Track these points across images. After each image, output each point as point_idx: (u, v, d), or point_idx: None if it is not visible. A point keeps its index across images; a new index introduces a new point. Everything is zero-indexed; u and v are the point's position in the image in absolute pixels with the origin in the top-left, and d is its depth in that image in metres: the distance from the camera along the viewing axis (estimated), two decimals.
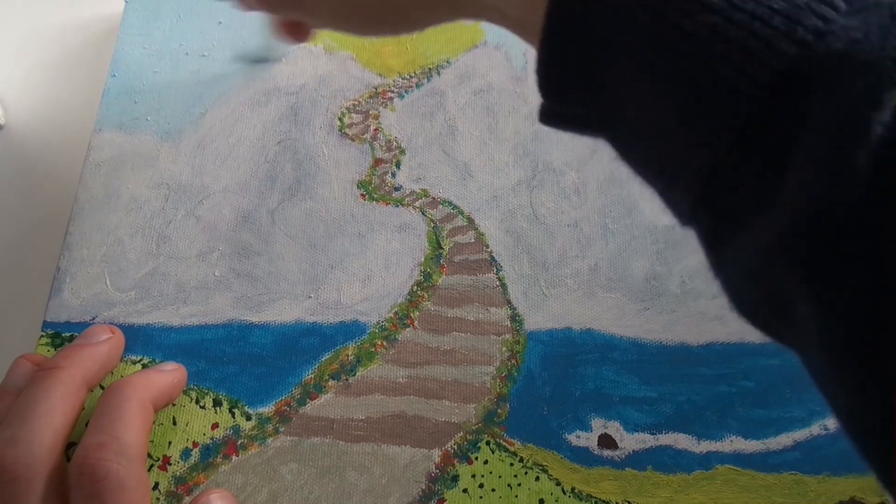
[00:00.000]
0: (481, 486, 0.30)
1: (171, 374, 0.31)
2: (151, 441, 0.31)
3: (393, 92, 0.38)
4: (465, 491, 0.30)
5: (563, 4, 0.17)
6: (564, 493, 0.30)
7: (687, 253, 0.35)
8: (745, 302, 0.18)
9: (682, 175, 0.17)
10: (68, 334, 0.33)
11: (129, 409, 0.27)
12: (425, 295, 0.34)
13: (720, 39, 0.15)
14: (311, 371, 0.32)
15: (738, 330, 0.34)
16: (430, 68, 0.39)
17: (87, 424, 0.27)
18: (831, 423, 0.32)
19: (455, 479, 0.31)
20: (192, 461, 0.31)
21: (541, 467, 0.31)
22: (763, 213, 0.15)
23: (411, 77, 0.39)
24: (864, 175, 0.13)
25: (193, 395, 0.32)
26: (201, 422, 0.31)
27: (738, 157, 0.15)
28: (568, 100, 0.20)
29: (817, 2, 0.14)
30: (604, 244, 0.35)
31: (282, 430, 0.31)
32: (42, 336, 0.33)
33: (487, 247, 0.35)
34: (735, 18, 0.15)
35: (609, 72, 0.17)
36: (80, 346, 0.30)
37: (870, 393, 0.14)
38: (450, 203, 0.36)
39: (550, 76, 0.19)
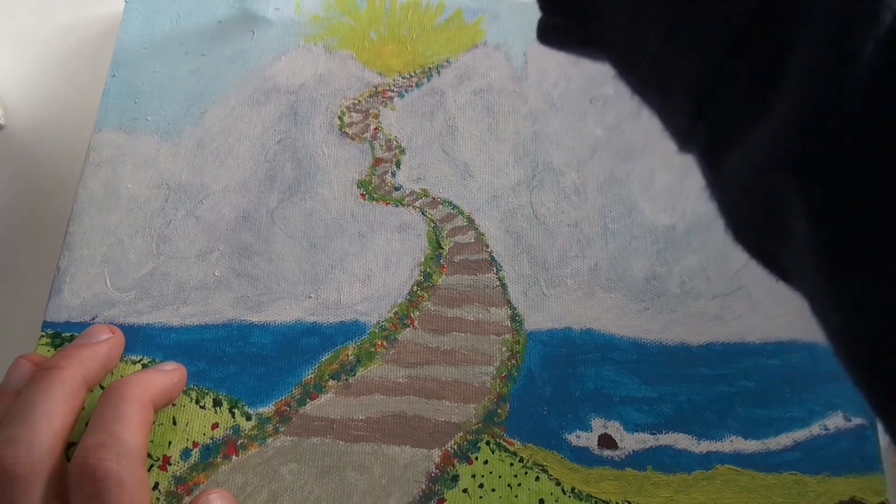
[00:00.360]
0: (481, 486, 0.30)
1: (170, 373, 0.31)
2: (151, 441, 0.31)
3: (393, 91, 0.38)
4: (465, 491, 0.30)
5: None
6: (564, 493, 0.30)
7: (687, 253, 0.35)
8: (742, 223, 0.17)
9: (680, 87, 0.16)
10: (68, 334, 0.33)
11: (128, 409, 0.27)
12: (425, 295, 0.34)
13: None
14: (311, 371, 0.32)
15: (738, 330, 0.34)
16: (430, 68, 0.39)
17: (87, 424, 0.27)
18: (831, 423, 0.32)
19: (455, 479, 0.31)
20: (192, 461, 0.31)
21: (541, 467, 0.31)
22: (761, 117, 0.15)
23: (411, 76, 0.39)
24: (872, 63, 0.13)
25: (193, 395, 0.32)
26: (201, 422, 0.31)
27: (735, 60, 0.15)
28: (566, 10, 0.19)
29: None
30: (604, 244, 0.35)
31: (282, 430, 0.31)
32: (42, 336, 0.33)
33: (487, 247, 0.35)
34: None
35: None
36: (79, 346, 0.30)
37: (859, 306, 0.14)
38: (450, 203, 0.36)
39: None
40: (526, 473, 0.31)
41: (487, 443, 0.31)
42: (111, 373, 0.32)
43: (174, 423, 0.31)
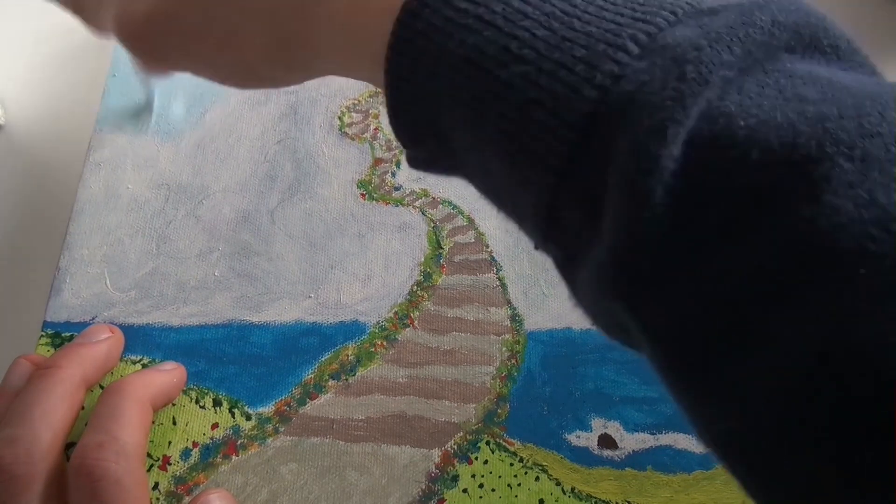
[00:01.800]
0: (481, 486, 0.30)
1: (169, 373, 0.31)
2: (151, 441, 0.31)
3: None
4: (464, 491, 0.30)
5: (397, 66, 0.19)
6: (564, 493, 0.30)
7: None
8: (599, 324, 0.19)
9: (524, 214, 0.18)
10: (68, 334, 0.33)
11: (127, 409, 0.28)
12: (425, 295, 0.34)
13: (532, 87, 0.16)
14: (310, 371, 0.32)
15: None
16: None
17: (86, 424, 0.27)
18: None
19: (455, 479, 0.31)
20: (192, 461, 0.31)
21: (541, 467, 0.31)
22: (591, 249, 0.16)
23: None
24: (662, 207, 0.14)
25: (193, 394, 0.32)
26: (201, 422, 0.31)
27: (561, 197, 0.16)
28: (422, 147, 0.21)
29: (613, 47, 0.15)
30: None
31: (282, 430, 0.31)
32: (42, 336, 0.33)
33: (487, 247, 0.35)
34: (544, 67, 0.16)
35: (447, 122, 0.18)
36: (78, 346, 0.30)
37: (696, 418, 0.16)
38: (450, 203, 0.36)
39: (401, 129, 0.20)
40: (526, 473, 0.31)
41: (487, 443, 0.31)
42: (111, 372, 0.32)
43: (174, 423, 0.31)
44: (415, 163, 0.22)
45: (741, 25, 0.15)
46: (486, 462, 0.31)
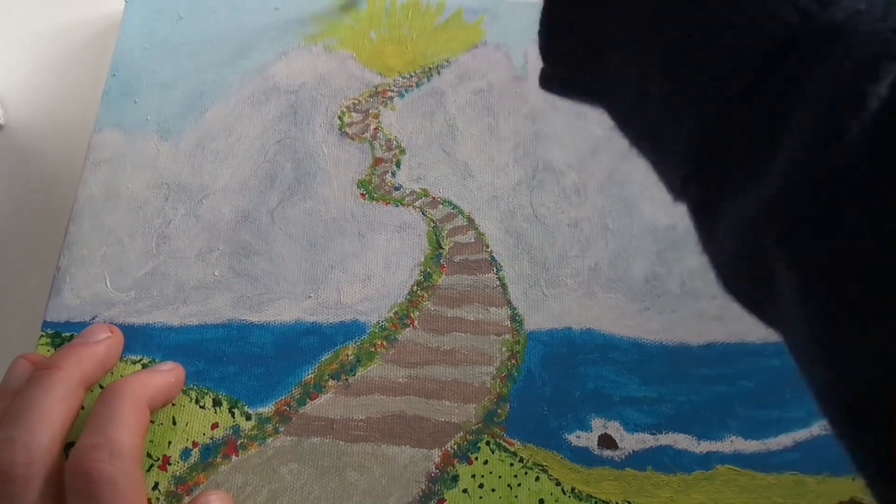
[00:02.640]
0: (481, 486, 0.30)
1: (167, 373, 0.31)
2: (151, 441, 0.31)
3: (393, 91, 0.38)
4: (464, 491, 0.30)
5: None
6: (564, 494, 0.30)
7: (687, 253, 0.35)
8: (732, 278, 0.17)
9: (675, 146, 0.17)
10: (68, 334, 0.33)
11: (123, 410, 0.27)
12: (425, 295, 0.34)
13: (725, 6, 0.15)
14: (310, 371, 0.32)
15: (739, 330, 0.34)
16: (430, 68, 0.39)
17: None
18: None
19: (455, 479, 0.31)
20: (192, 461, 0.31)
21: (541, 467, 0.31)
22: (752, 183, 0.15)
23: (411, 76, 0.39)
24: (856, 146, 0.13)
25: (193, 394, 0.32)
26: (201, 422, 0.31)
27: (730, 126, 0.15)
28: (568, 64, 0.19)
29: None
30: (604, 244, 0.35)
31: (282, 430, 0.31)
32: (42, 336, 0.33)
33: (487, 247, 0.35)
34: None
35: (612, 35, 0.17)
36: (78, 346, 0.30)
37: (844, 368, 0.14)
38: (450, 203, 0.36)
39: (551, 39, 0.19)
40: (526, 473, 0.31)
41: (487, 443, 0.31)
42: (111, 372, 0.32)
43: (174, 423, 0.31)
44: (548, 83, 0.20)
45: None
46: (486, 462, 0.31)
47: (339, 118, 0.38)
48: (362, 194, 0.36)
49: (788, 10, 0.14)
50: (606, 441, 0.31)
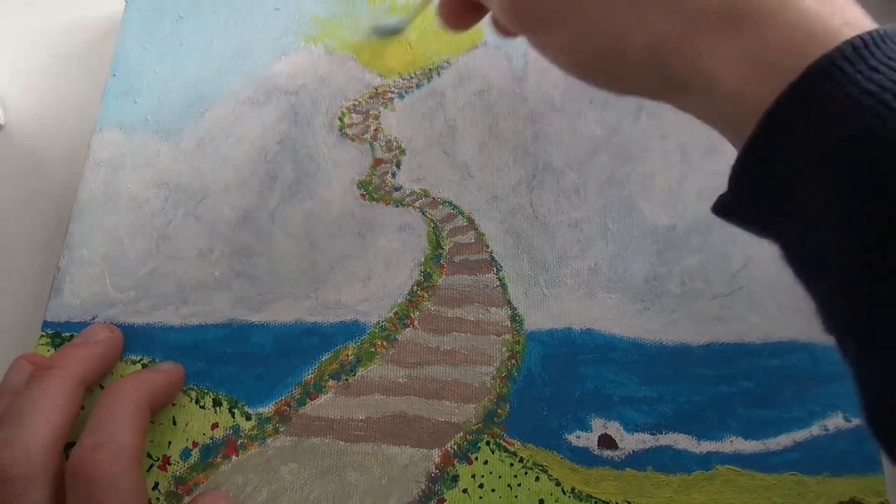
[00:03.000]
0: (481, 486, 0.30)
1: (167, 373, 0.31)
2: (151, 441, 0.31)
3: (393, 92, 0.38)
4: (464, 491, 0.30)
5: (775, 118, 0.18)
6: (564, 494, 0.30)
7: (687, 253, 0.35)
8: (885, 416, 0.18)
9: (845, 296, 0.18)
10: (68, 334, 0.33)
11: (123, 410, 0.27)
12: (425, 295, 0.34)
13: None
14: (310, 371, 0.32)
15: (738, 330, 0.34)
16: (430, 69, 0.39)
17: None
18: (831, 423, 0.32)
19: (455, 479, 0.31)
20: (192, 461, 0.31)
21: (541, 467, 0.31)
22: None
23: (411, 77, 0.39)
24: None
25: (193, 394, 0.32)
26: (201, 422, 0.31)
27: None
28: (755, 199, 0.20)
29: None
30: (604, 244, 0.35)
31: (282, 430, 0.31)
32: (42, 336, 0.33)
33: (487, 247, 0.35)
34: None
35: (807, 186, 0.18)
36: (77, 346, 0.30)
37: None
38: (450, 203, 0.36)
39: (746, 170, 0.20)
40: (526, 474, 0.31)
41: (487, 443, 0.31)
42: (111, 372, 0.32)
43: (174, 423, 0.31)
44: (725, 212, 0.21)
45: None
46: (486, 462, 0.31)
47: (340, 119, 0.38)
48: (362, 195, 0.36)
49: None
50: (606, 441, 0.31)
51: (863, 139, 0.17)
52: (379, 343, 0.33)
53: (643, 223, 0.36)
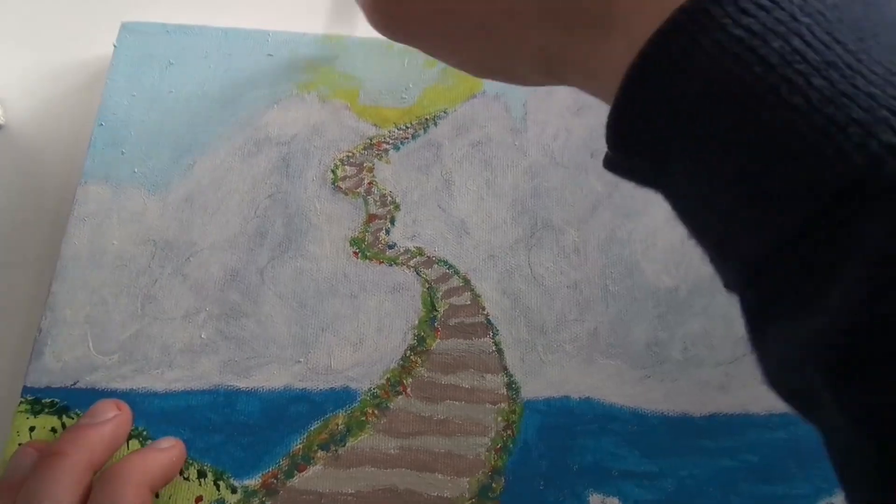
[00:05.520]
0: None
1: (168, 451, 0.30)
2: None
3: (388, 143, 0.37)
4: None
5: (642, 71, 0.17)
6: None
7: (690, 317, 0.34)
8: (778, 382, 0.18)
9: (735, 253, 0.17)
10: (48, 400, 0.32)
11: (125, 496, 0.27)
12: (419, 360, 0.33)
13: (795, 139, 0.15)
14: (299, 441, 0.31)
15: (743, 400, 0.32)
16: (426, 118, 0.38)
17: None
18: (838, 500, 0.31)
19: None
20: None
21: None
22: (807, 311, 0.15)
23: (407, 127, 0.38)
24: None
25: None
26: (185, 494, 0.30)
27: (792, 253, 0.15)
28: (630, 161, 0.20)
29: None
30: (604, 307, 0.34)
31: (268, 503, 0.30)
32: (21, 402, 0.31)
33: (484, 309, 0.34)
34: (814, 121, 0.15)
35: (678, 145, 0.17)
36: (84, 428, 0.29)
37: None
38: (445, 262, 0.35)
39: (617, 137, 0.19)
40: None
41: None
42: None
43: (157, 496, 0.30)
44: (612, 167, 0.21)
45: None
46: None
47: (333, 171, 0.37)
48: (355, 252, 0.35)
49: (858, 154, 0.14)
50: None
51: (727, 89, 0.16)
52: (370, 411, 0.32)
53: (645, 284, 0.34)
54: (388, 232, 0.35)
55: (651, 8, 0.18)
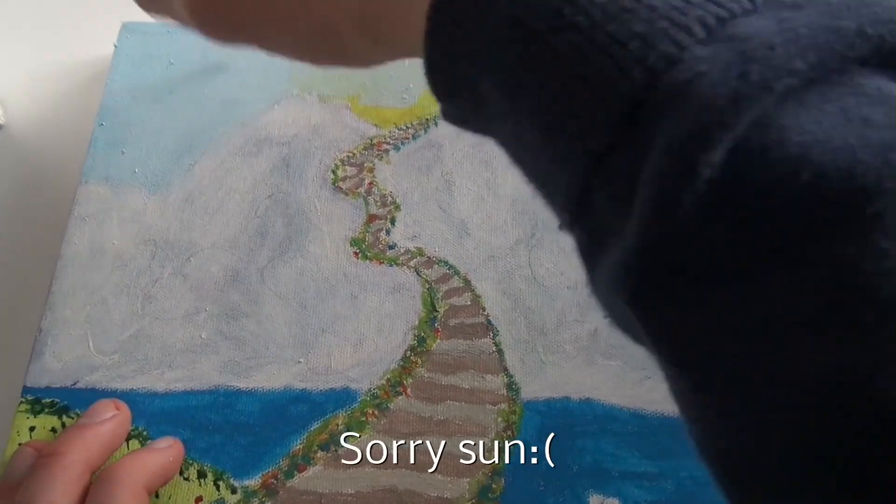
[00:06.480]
0: None
1: (165, 452, 0.30)
2: None
3: (389, 143, 0.37)
4: None
5: (438, 17, 0.17)
6: None
7: None
8: (610, 315, 0.18)
9: (554, 191, 0.17)
10: (48, 400, 0.32)
11: (121, 497, 0.27)
12: (419, 360, 0.33)
13: (580, 60, 0.14)
14: (299, 441, 0.31)
15: None
16: (427, 119, 0.38)
17: None
18: None
19: None
20: None
21: None
22: (614, 239, 0.15)
23: (408, 128, 0.38)
24: (688, 217, 0.13)
25: None
26: (184, 494, 0.30)
27: (595, 182, 0.15)
28: (456, 106, 0.20)
29: (676, 27, 0.14)
30: None
31: None
32: (21, 402, 0.31)
33: (484, 309, 0.34)
34: (596, 39, 0.14)
35: (486, 84, 0.17)
36: (82, 428, 0.29)
37: (698, 432, 0.16)
38: (445, 263, 0.35)
39: (436, 85, 0.19)
40: None
41: None
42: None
43: (156, 496, 0.30)
44: (448, 117, 0.21)
45: (823, 29, 0.13)
46: None
47: (333, 172, 0.37)
48: (355, 253, 0.35)
49: (639, 70, 0.14)
50: None
51: (515, 18, 0.15)
52: (370, 412, 0.32)
53: None
54: (388, 232, 0.35)
55: None
